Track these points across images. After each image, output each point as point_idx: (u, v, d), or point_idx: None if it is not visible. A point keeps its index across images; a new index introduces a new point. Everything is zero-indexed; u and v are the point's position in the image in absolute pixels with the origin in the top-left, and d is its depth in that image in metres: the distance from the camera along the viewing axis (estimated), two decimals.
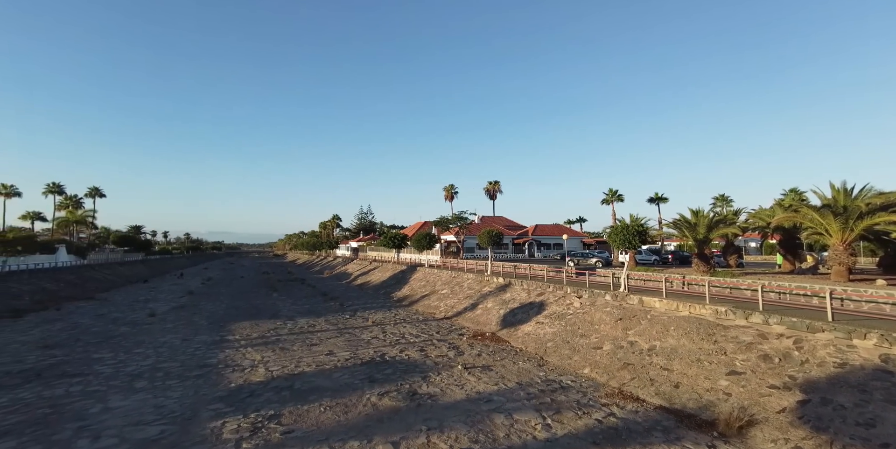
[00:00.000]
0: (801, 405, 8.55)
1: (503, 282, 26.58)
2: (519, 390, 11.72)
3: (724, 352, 11.56)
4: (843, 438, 7.42)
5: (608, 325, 16.18)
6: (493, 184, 72.26)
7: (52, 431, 9.07)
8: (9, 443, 8.54)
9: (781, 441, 7.91)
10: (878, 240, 19.06)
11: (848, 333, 9.62)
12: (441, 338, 18.83)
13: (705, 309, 14.05)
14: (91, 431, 9.09)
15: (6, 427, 9.32)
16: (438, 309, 26.56)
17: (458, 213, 47.76)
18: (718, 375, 10.68)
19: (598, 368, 13.40)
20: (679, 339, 13.20)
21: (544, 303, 20.92)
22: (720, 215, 24.86)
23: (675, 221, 23.57)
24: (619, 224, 19.63)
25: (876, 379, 8.32)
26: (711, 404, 9.74)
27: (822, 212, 17.59)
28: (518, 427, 9.24)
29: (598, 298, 18.71)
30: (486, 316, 22.50)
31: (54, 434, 8.94)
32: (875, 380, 8.30)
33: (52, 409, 10.39)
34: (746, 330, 12.08)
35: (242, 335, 19.71)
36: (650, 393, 11.05)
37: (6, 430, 9.18)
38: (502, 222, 62.40)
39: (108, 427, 9.28)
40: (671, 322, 14.33)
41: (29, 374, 13.42)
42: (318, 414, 10.03)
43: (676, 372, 11.60)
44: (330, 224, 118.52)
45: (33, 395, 11.45)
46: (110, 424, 9.46)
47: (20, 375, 13.33)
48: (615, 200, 50.91)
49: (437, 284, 33.11)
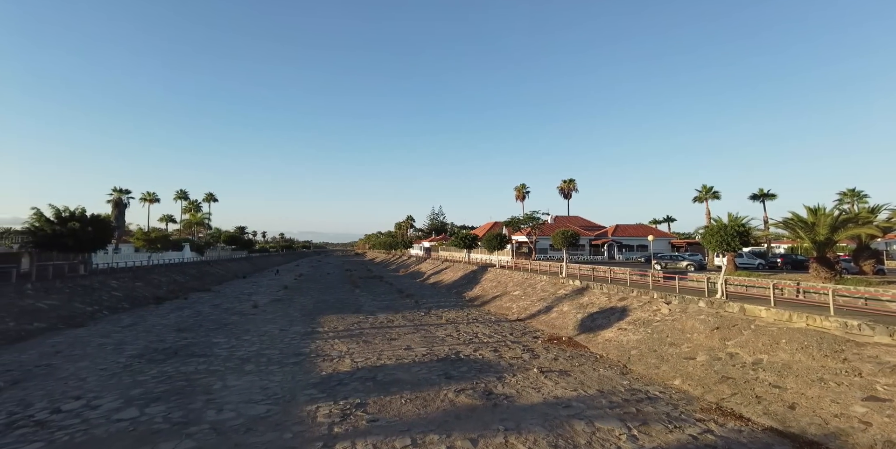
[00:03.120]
0: None
1: (580, 285, 25.47)
2: (600, 398, 11.15)
3: (858, 373, 9.81)
4: None
5: (702, 334, 14.67)
6: (567, 182, 69.41)
7: (188, 401, 10.84)
8: (159, 407, 10.44)
9: None
10: None
11: None
12: (515, 339, 18.63)
13: (829, 321, 12.06)
14: (216, 404, 10.66)
15: (157, 393, 11.44)
16: (511, 310, 26.28)
17: (530, 213, 46.71)
18: (851, 399, 9.09)
19: (691, 379, 12.20)
20: (793, 353, 11.50)
21: (627, 308, 19.63)
22: (849, 214, 21.03)
23: (787, 221, 20.47)
24: (716, 224, 17.60)
25: None
26: (843, 433, 8.32)
27: None
28: (600, 436, 8.82)
29: (690, 304, 17.07)
30: (562, 320, 21.72)
31: (190, 404, 10.67)
32: None
33: (187, 382, 12.39)
34: (891, 349, 10.13)
35: (330, 327, 21.46)
36: (756, 412, 9.78)
37: (157, 396, 11.26)
38: (578, 222, 59.62)
39: (227, 402, 10.80)
40: (782, 334, 12.56)
41: (169, 351, 16.17)
42: (399, 405, 10.57)
43: (791, 391, 10.12)
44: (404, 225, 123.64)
45: (173, 369, 13.77)
46: (229, 399, 11.00)
47: (164, 352, 16.16)
48: (710, 198, 45.65)
49: (509, 284, 32.76)
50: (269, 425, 9.35)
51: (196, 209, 77.51)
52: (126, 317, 24.01)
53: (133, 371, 13.58)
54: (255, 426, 9.29)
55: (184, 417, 9.80)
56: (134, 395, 11.31)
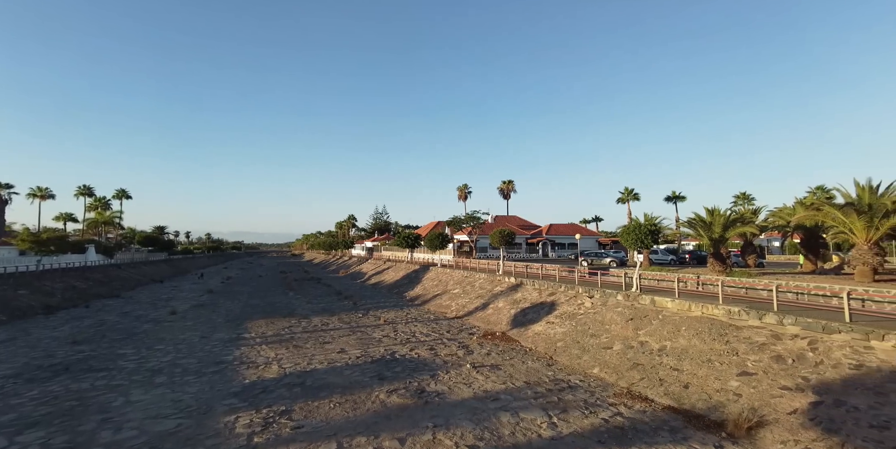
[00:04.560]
0: (813, 407, 8.35)
1: (515, 282, 26.54)
2: (527, 389, 11.75)
3: (735, 352, 11.35)
4: (854, 440, 7.23)
5: (619, 325, 16.02)
6: (507, 183, 71.99)
7: (77, 423, 9.58)
8: (37, 433, 9.07)
9: (791, 442, 7.75)
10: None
11: (866, 335, 9.34)
12: (452, 337, 18.97)
13: (718, 309, 13.79)
14: (113, 423, 9.57)
15: (36, 418, 9.90)
16: (450, 308, 26.69)
17: (472, 213, 47.79)
18: (729, 375, 10.50)
19: (608, 367, 13.31)
20: (690, 339, 13.00)
21: (555, 303, 20.83)
22: (738, 214, 24.23)
23: (690, 220, 23.10)
24: (633, 223, 19.36)
25: (893, 381, 8.06)
26: (721, 405, 9.59)
27: (846, 210, 17.02)
28: (523, 425, 9.30)
29: (610, 298, 18.54)
30: (497, 316, 22.52)
31: (80, 425, 9.44)
32: (892, 382, 8.05)
33: (78, 401, 10.96)
34: (760, 331, 11.83)
35: (258, 333, 20.26)
36: (659, 393, 10.93)
37: (35, 420, 9.75)
38: (516, 222, 62.10)
39: (128, 420, 9.74)
40: (683, 322, 14.12)
41: (58, 368, 14.17)
42: (327, 410, 10.29)
43: (686, 372, 11.44)
44: (346, 224, 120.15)
45: (61, 388, 12.09)
46: (131, 416, 9.93)
47: (50, 368, 14.10)
48: (631, 199, 50.10)
49: (450, 283, 33.25)
50: (178, 441, 8.61)
51: (104, 207, 68.81)
52: (0, 331, 20.67)
53: (4, 394, 11.70)
54: (161, 444, 8.51)
55: (68, 442, 8.60)
56: (2, 422, 9.75)
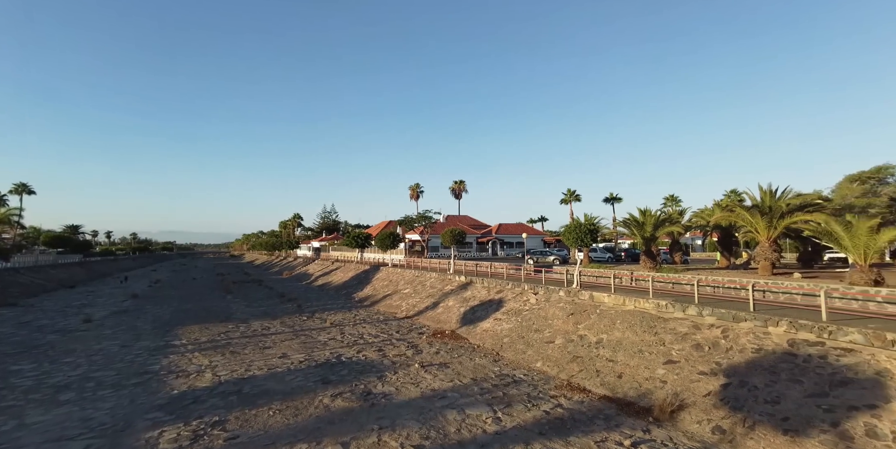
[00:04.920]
0: (723, 388, 9.31)
1: (465, 280, 26.88)
2: (474, 386, 11.93)
3: (662, 343, 12.34)
4: (753, 415, 8.16)
5: (561, 320, 16.79)
6: (458, 183, 72.78)
7: None
8: None
9: (705, 421, 8.59)
10: (797, 237, 21.02)
11: (764, 322, 10.58)
12: (401, 337, 18.79)
13: (648, 303, 14.91)
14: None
15: None
16: (400, 308, 26.46)
17: (423, 213, 47.75)
18: (657, 364, 11.40)
19: (550, 361, 13.89)
20: (624, 331, 13.94)
21: (503, 300, 21.38)
22: (666, 215, 26.44)
23: (625, 220, 24.84)
24: (573, 223, 20.42)
25: (783, 361, 9.22)
26: (649, 392, 10.38)
27: (752, 211, 19.18)
28: (469, 422, 9.42)
29: (553, 294, 19.35)
30: (447, 314, 22.67)
31: None
32: (783, 362, 9.20)
33: None
34: (683, 322, 12.96)
35: (190, 339, 18.71)
36: (596, 384, 11.60)
37: None
38: (467, 222, 63.02)
39: (21, 446, 8.51)
40: (618, 316, 15.10)
41: None
42: (265, 418, 9.73)
43: (620, 363, 12.25)
44: (291, 223, 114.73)
45: None
46: (25, 441, 8.67)
47: None
48: (573, 200, 52.96)
49: (400, 283, 32.96)
50: None
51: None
52: None
53: None
54: None
55: None
56: None
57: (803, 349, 9.42)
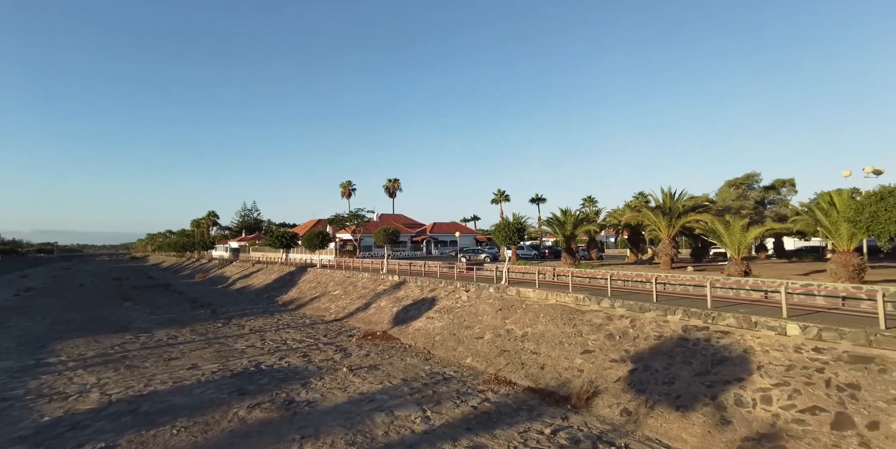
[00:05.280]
0: (630, 374, 10.29)
1: (398, 280, 26.57)
2: (404, 387, 11.79)
3: (580, 334, 13.29)
4: (654, 396, 9.14)
5: (490, 315, 17.31)
6: (392, 181, 71.84)
7: None
8: None
9: (615, 405, 9.42)
10: (690, 235, 24.07)
11: (664, 311, 11.91)
12: (329, 341, 18.00)
13: (568, 297, 15.97)
14: None
15: None
16: (329, 311, 25.38)
17: (356, 211, 46.32)
18: (575, 354, 12.24)
19: (479, 356, 14.25)
20: (547, 324, 14.77)
21: (436, 298, 21.49)
22: (584, 215, 28.65)
23: (548, 220, 26.47)
24: (503, 222, 21.24)
25: (678, 346, 10.46)
26: (568, 381, 11.11)
27: (655, 212, 21.52)
28: (398, 423, 9.27)
29: (484, 291, 19.90)
30: (379, 315, 22.23)
31: None
32: (678, 346, 10.44)
33: None
34: (598, 313, 14.08)
35: (72, 355, 16.06)
36: (521, 376, 12.13)
37: None
38: (401, 220, 62.51)
39: None
40: (541, 310, 15.96)
41: None
42: (167, 438, 8.65)
43: (543, 355, 12.96)
44: (205, 222, 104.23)
45: None
46: None
47: None
48: (503, 200, 55.25)
49: (330, 284, 31.64)
50: None
51: None
52: None
53: None
54: None
55: None
56: None
57: (693, 334, 10.75)
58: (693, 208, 21.07)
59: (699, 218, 19.90)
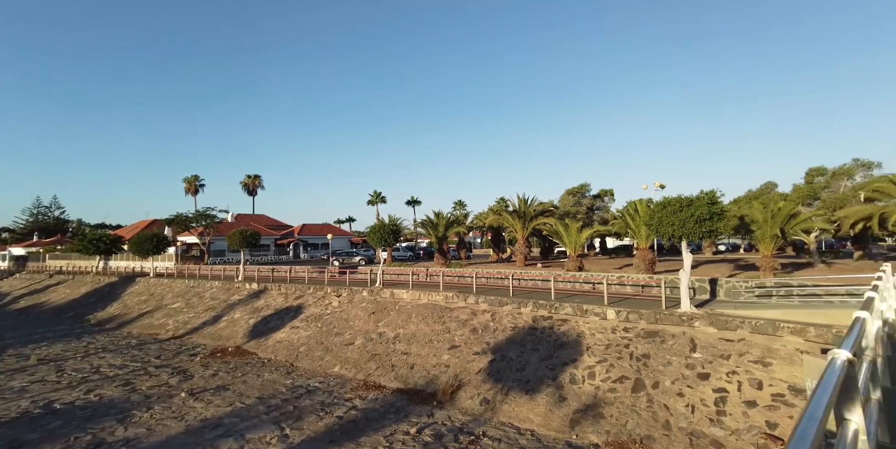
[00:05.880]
0: (490, 364, 11.20)
1: (257, 288, 23.82)
2: (259, 405, 10.51)
3: (448, 330, 13.91)
4: (509, 383, 10.14)
5: (362, 320, 16.83)
6: (252, 178, 64.29)
7: None
8: None
9: (476, 396, 10.11)
10: (540, 236, 27.74)
11: (518, 304, 13.36)
12: (163, 363, 14.97)
13: (439, 296, 16.60)
14: None
15: None
16: (165, 327, 21.20)
17: (204, 210, 39.89)
18: (443, 351, 12.75)
19: (349, 363, 13.67)
20: (418, 324, 15.07)
21: (302, 306, 19.94)
22: (455, 217, 30.42)
23: (423, 222, 27.30)
24: (378, 224, 20.98)
25: (529, 335, 11.86)
26: (436, 378, 11.47)
27: (513, 215, 24.13)
28: (250, 447, 8.18)
29: (357, 294, 19.27)
30: (233, 328, 19.52)
31: None
32: (528, 335, 11.83)
33: None
34: (464, 310, 14.97)
35: None
36: (391, 378, 12.05)
37: None
38: (264, 221, 56.37)
39: None
40: (414, 310, 16.22)
41: None
42: None
43: (413, 354, 13.14)
44: None
45: None
46: None
47: None
48: (379, 202, 54.75)
49: (167, 297, 26.51)
50: None
51: None
52: None
53: None
54: None
55: None
56: None
57: (541, 323, 12.29)
58: (542, 213, 24.37)
59: (546, 221, 23.09)
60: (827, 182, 25.87)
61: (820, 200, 24.12)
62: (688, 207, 11.11)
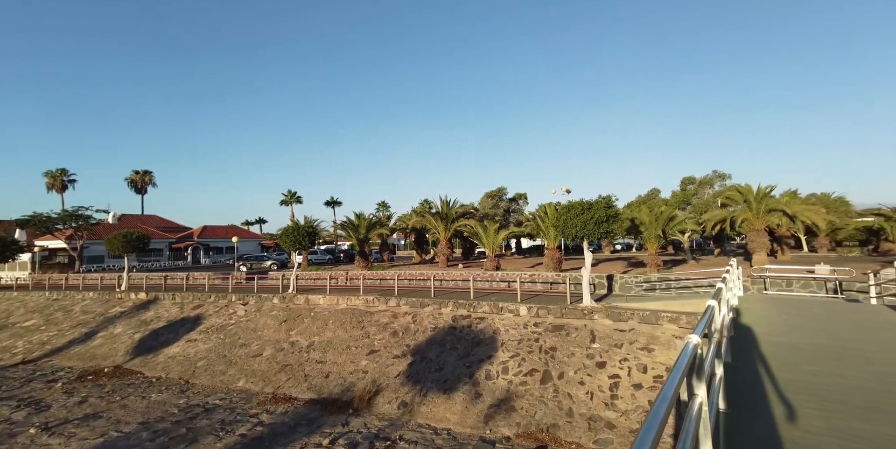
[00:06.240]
0: (409, 367, 11.12)
1: (145, 298, 20.84)
2: (142, 432, 9.12)
3: (368, 335, 13.52)
4: (427, 384, 10.18)
5: (272, 329, 15.61)
6: (141, 174, 56.07)
7: None
8: None
9: (394, 400, 9.95)
10: (461, 237, 28.49)
11: (439, 305, 13.51)
12: (5, 395, 12.24)
13: (359, 300, 16.07)
14: None
15: None
16: (13, 351, 17.45)
17: (74, 209, 33.71)
18: (361, 356, 12.34)
19: (255, 377, 12.55)
20: (336, 330, 14.40)
21: (202, 316, 17.89)
22: (377, 218, 29.80)
23: (342, 223, 26.29)
24: (292, 225, 19.61)
25: (448, 334, 12.05)
26: (353, 385, 11.05)
27: (436, 217, 24.41)
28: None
29: (266, 302, 17.87)
30: (111, 345, 16.78)
31: None
32: (448, 335, 12.02)
33: None
34: (385, 313, 14.70)
35: None
36: (303, 389, 11.32)
37: None
38: (155, 223, 49.48)
39: None
40: (331, 316, 15.48)
41: None
42: None
43: (329, 362, 12.51)
44: None
45: None
46: None
47: None
48: (294, 202, 51.31)
49: (18, 313, 21.91)
50: None
51: None
52: None
53: None
54: None
55: None
56: None
57: (460, 322, 12.56)
58: (463, 215, 25.03)
59: (467, 223, 23.77)
60: (696, 190, 30.61)
61: (691, 205, 28.42)
62: (588, 211, 12.25)
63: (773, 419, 2.81)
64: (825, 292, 11.76)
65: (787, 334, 5.45)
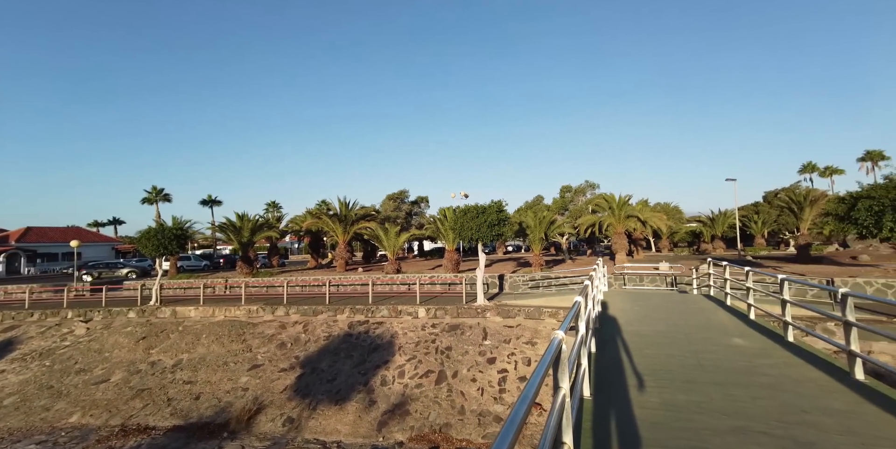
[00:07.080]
0: (298, 380, 10.29)
1: None
2: None
3: (250, 349, 12.15)
4: (318, 396, 9.55)
5: (126, 348, 13.06)
6: None
7: None
8: None
9: (278, 417, 9.09)
10: (362, 240, 27.68)
11: (335, 312, 12.83)
12: None
13: (240, 310, 14.40)
14: None
15: None
16: None
17: None
18: (241, 373, 11.02)
19: (97, 407, 10.29)
20: (209, 346, 12.64)
21: (17, 339, 14.18)
22: (265, 220, 27.20)
23: (222, 225, 23.37)
24: (154, 227, 16.58)
25: (344, 342, 11.51)
26: (229, 405, 9.78)
27: (333, 219, 23.25)
28: None
29: (118, 317, 14.97)
30: None
31: None
32: (343, 343, 11.47)
33: None
34: (272, 323, 13.41)
35: None
36: (165, 416, 9.64)
37: None
38: None
39: None
40: (205, 329, 13.57)
41: None
42: None
43: (200, 382, 10.89)
44: None
45: None
46: None
47: None
48: (160, 200, 43.59)
49: None
50: None
51: None
52: None
53: None
54: None
55: None
56: None
57: (357, 328, 12.09)
58: (363, 217, 24.28)
59: (367, 225, 23.12)
60: (572, 197, 34.80)
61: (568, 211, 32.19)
62: (482, 214, 12.93)
63: (626, 400, 3.23)
64: (665, 286, 14.30)
65: (637, 323, 6.43)
